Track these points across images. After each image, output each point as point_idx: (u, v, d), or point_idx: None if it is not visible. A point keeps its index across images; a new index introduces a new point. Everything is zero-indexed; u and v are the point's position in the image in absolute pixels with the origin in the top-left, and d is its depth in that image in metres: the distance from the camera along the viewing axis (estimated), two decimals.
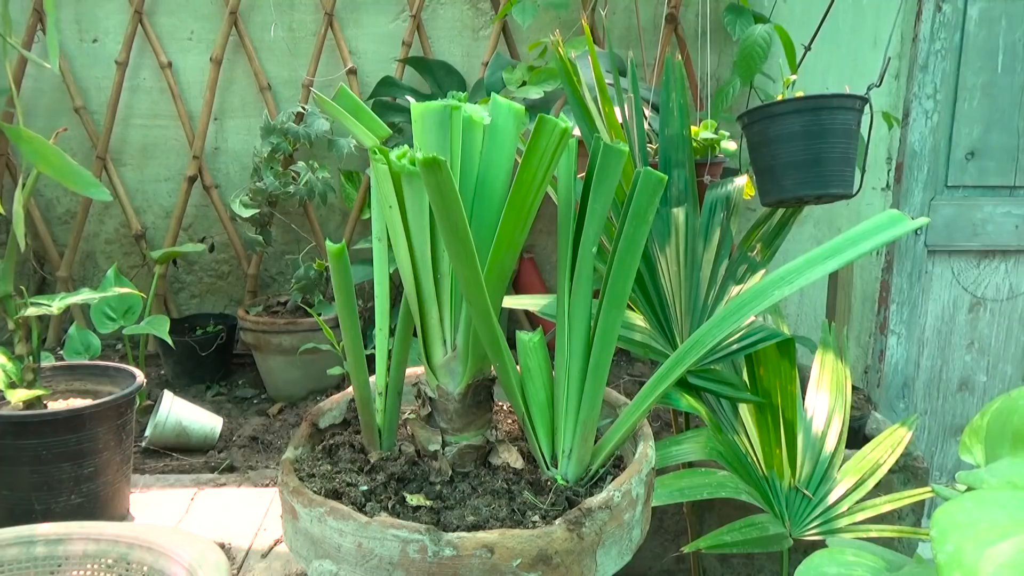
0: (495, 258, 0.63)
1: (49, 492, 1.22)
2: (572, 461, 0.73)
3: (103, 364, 1.42)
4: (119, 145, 2.52)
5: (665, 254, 1.18)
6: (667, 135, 1.21)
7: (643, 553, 0.80)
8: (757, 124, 1.17)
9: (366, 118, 0.76)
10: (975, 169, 1.66)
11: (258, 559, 1.24)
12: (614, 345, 0.72)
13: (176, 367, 2.31)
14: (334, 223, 2.62)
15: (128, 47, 2.40)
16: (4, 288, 1.21)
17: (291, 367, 2.18)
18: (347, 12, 2.45)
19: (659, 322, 1.14)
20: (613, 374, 2.26)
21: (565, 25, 2.38)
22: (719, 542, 0.96)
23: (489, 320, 0.64)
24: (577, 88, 1.10)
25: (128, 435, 1.33)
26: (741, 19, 1.85)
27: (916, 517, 1.29)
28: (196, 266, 2.64)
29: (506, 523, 0.65)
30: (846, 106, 1.13)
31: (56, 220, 2.57)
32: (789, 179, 1.15)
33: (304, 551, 0.65)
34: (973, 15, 1.60)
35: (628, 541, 0.67)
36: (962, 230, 1.68)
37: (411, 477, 0.73)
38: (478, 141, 0.67)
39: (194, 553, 0.82)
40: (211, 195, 2.50)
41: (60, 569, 0.86)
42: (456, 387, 0.72)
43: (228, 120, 2.53)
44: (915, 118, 1.63)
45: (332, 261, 0.70)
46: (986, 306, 1.73)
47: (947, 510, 0.33)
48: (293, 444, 0.77)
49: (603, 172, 0.66)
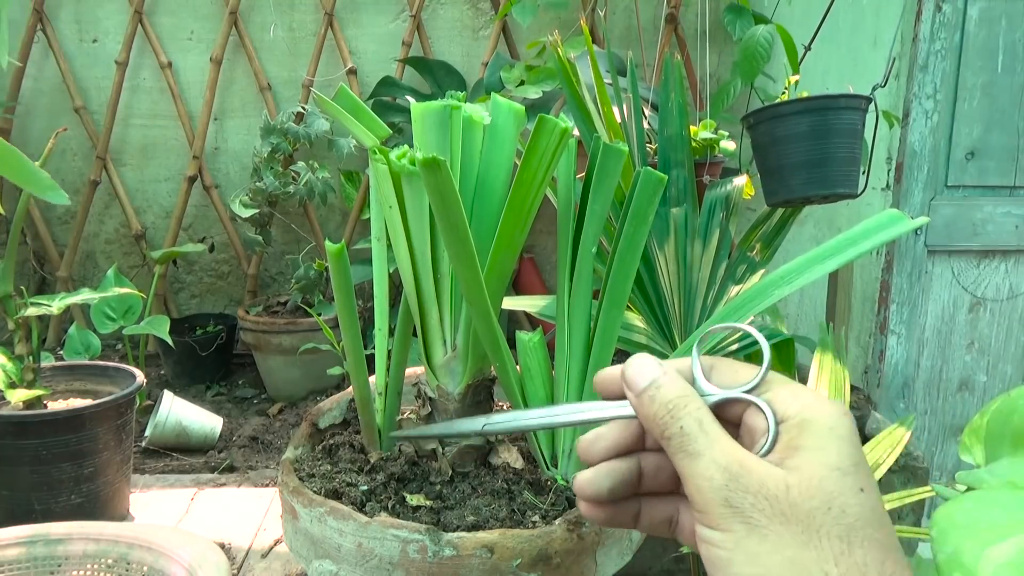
0: (495, 258, 0.63)
1: (49, 492, 1.22)
2: (572, 461, 0.73)
3: (103, 364, 1.42)
4: (119, 145, 2.52)
5: (664, 254, 1.18)
6: (666, 135, 1.21)
7: (643, 553, 0.80)
8: (763, 124, 1.17)
9: (366, 118, 0.76)
10: (975, 169, 1.66)
11: (258, 559, 1.24)
12: (614, 345, 0.72)
13: (176, 367, 2.31)
14: (334, 223, 2.62)
15: (128, 47, 2.40)
16: (4, 288, 1.21)
17: (291, 367, 2.18)
18: (347, 12, 2.45)
19: (658, 322, 1.14)
20: None
21: (565, 25, 2.38)
22: None
23: (489, 320, 0.64)
24: (576, 88, 1.10)
25: (128, 435, 1.32)
26: (741, 19, 1.85)
27: (916, 517, 1.29)
28: (196, 266, 2.64)
29: (506, 523, 0.65)
30: (852, 106, 1.13)
31: (56, 220, 2.57)
32: (796, 179, 1.15)
33: (304, 551, 0.65)
34: (973, 15, 1.60)
35: (628, 541, 0.67)
36: (962, 230, 1.68)
37: (411, 477, 0.73)
38: (478, 141, 0.67)
39: (194, 553, 0.82)
40: (211, 195, 2.50)
41: (60, 569, 0.86)
42: (456, 387, 0.72)
43: (228, 120, 2.53)
44: (915, 118, 1.63)
45: (332, 261, 0.70)
46: (986, 306, 1.73)
47: (947, 510, 0.33)
48: (293, 444, 0.77)
49: (603, 172, 0.66)
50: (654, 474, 0.37)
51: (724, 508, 0.30)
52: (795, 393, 0.34)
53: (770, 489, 0.30)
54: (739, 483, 0.31)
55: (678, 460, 0.33)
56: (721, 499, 0.31)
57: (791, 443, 0.32)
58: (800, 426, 0.32)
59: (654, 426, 0.34)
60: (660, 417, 0.34)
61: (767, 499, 0.30)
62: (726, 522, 0.30)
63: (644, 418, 0.35)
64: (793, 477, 0.30)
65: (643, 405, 0.34)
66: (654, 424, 0.34)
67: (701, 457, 0.32)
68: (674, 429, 0.33)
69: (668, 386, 0.34)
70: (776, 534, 0.29)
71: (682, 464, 0.32)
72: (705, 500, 0.31)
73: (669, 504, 0.37)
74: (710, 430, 0.33)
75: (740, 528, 0.30)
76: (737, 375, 0.35)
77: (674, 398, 0.34)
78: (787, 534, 0.29)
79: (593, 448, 0.37)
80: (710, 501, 0.31)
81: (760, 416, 0.33)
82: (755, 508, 0.30)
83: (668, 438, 0.33)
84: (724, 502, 0.30)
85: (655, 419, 0.34)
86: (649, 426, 0.35)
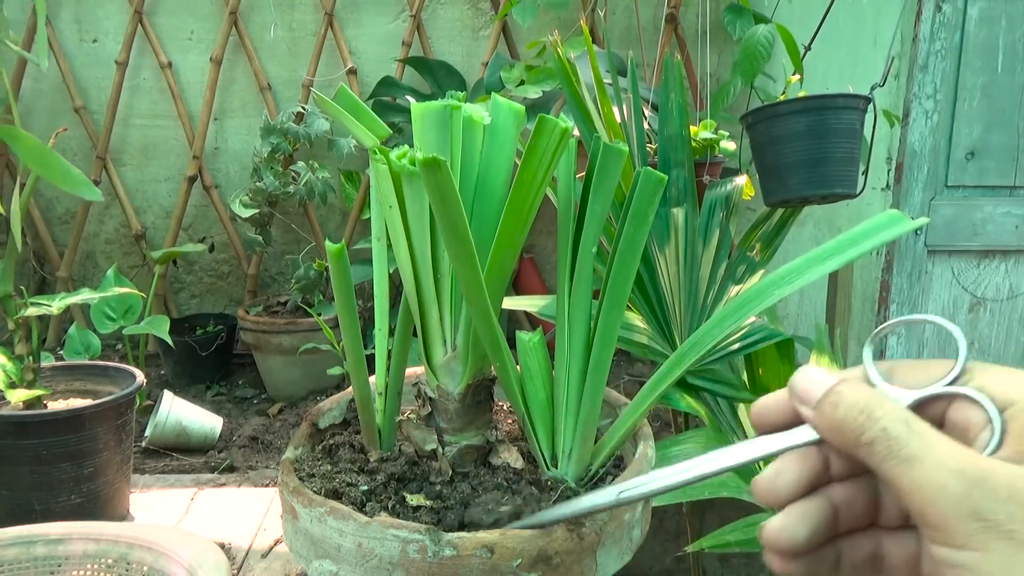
0: (495, 258, 0.63)
1: (49, 492, 1.22)
2: (572, 461, 0.72)
3: (103, 364, 1.42)
4: (119, 145, 2.52)
5: (664, 254, 1.18)
6: (666, 135, 1.21)
7: (643, 553, 0.81)
8: (761, 124, 1.17)
9: (366, 118, 0.76)
10: (975, 169, 1.66)
11: (258, 559, 1.24)
12: (614, 345, 0.72)
13: (176, 367, 2.31)
14: (334, 223, 2.62)
15: (128, 47, 2.40)
16: (4, 288, 1.21)
17: (291, 367, 2.18)
18: (347, 12, 2.45)
19: (658, 322, 1.14)
20: (613, 374, 2.26)
21: (565, 25, 2.38)
22: (722, 541, 0.96)
23: (489, 320, 0.64)
24: (576, 88, 1.10)
25: (128, 435, 1.32)
26: (741, 19, 1.85)
27: None
28: (196, 266, 2.64)
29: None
30: (851, 106, 1.13)
31: (56, 220, 2.57)
32: (794, 179, 1.15)
33: (304, 551, 0.65)
34: (973, 15, 1.60)
35: (628, 541, 0.67)
36: (962, 230, 1.68)
37: (411, 477, 0.73)
38: (478, 141, 0.67)
39: (194, 553, 0.82)
40: (211, 195, 2.50)
41: (60, 569, 0.86)
42: (456, 387, 0.72)
43: (228, 120, 2.53)
44: (915, 118, 1.63)
45: (332, 261, 0.70)
46: (986, 306, 1.73)
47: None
48: (293, 444, 0.77)
49: (603, 172, 0.66)
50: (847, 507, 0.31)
51: (973, 523, 0.25)
52: (1009, 375, 0.29)
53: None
54: (984, 489, 0.25)
55: (888, 469, 0.27)
56: (966, 512, 0.25)
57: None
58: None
59: (847, 434, 0.28)
60: (852, 420, 0.28)
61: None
62: (978, 540, 0.25)
63: (831, 429, 0.29)
64: None
65: (826, 415, 0.29)
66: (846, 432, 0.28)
67: (922, 462, 0.26)
68: (876, 431, 0.28)
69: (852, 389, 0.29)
70: None
71: (896, 473, 0.27)
72: (942, 515, 0.26)
73: (869, 539, 0.32)
74: (922, 430, 0.27)
75: (1001, 547, 0.25)
76: (928, 371, 0.30)
77: (864, 400, 0.29)
78: None
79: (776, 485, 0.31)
80: (951, 515, 0.25)
81: (973, 409, 0.28)
82: (1015, 519, 0.25)
83: (869, 443, 0.28)
84: (972, 515, 0.25)
85: (846, 425, 0.28)
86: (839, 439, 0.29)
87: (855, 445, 0.28)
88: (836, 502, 0.31)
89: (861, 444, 0.28)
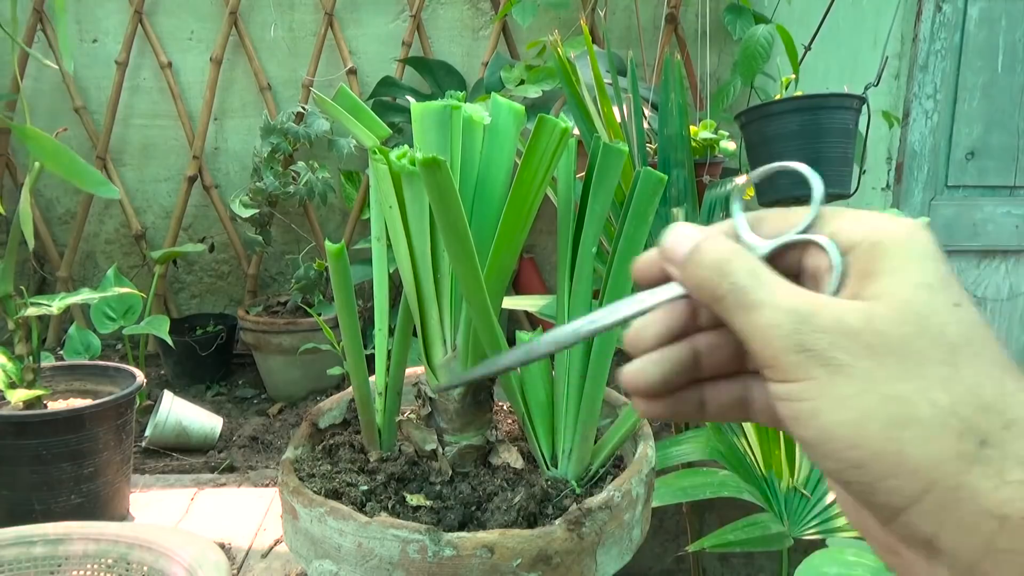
0: (495, 258, 0.63)
1: (49, 492, 1.22)
2: (572, 461, 0.73)
3: (103, 364, 1.42)
4: (119, 145, 2.52)
5: None
6: (666, 135, 1.21)
7: (643, 553, 0.81)
8: (755, 123, 1.17)
9: (366, 118, 0.76)
10: (975, 169, 1.66)
11: (258, 559, 1.24)
12: (614, 345, 0.72)
13: (176, 367, 2.31)
14: (334, 223, 2.62)
15: (128, 47, 2.40)
16: (4, 288, 1.21)
17: (291, 367, 2.18)
18: (347, 12, 2.45)
19: None
20: (613, 374, 2.26)
21: (565, 25, 2.38)
22: (723, 541, 0.97)
23: (489, 320, 0.64)
24: (576, 88, 1.10)
25: (128, 435, 1.32)
26: (741, 19, 1.85)
27: None
28: (196, 266, 2.64)
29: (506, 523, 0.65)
30: (844, 105, 1.13)
31: (56, 220, 2.57)
32: (785, 179, 1.15)
33: (304, 551, 0.65)
34: (973, 15, 1.60)
35: (628, 541, 0.67)
36: (962, 230, 1.68)
37: (411, 477, 0.73)
38: (478, 141, 0.67)
39: (194, 553, 0.82)
40: (211, 195, 2.50)
41: (60, 569, 0.86)
42: None
43: (228, 120, 2.53)
44: (915, 118, 1.63)
45: (331, 261, 0.70)
46: (986, 306, 1.73)
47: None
48: (293, 444, 0.77)
49: (603, 172, 0.66)
50: (713, 354, 0.32)
51: (797, 355, 0.26)
52: (857, 218, 0.29)
53: (849, 323, 0.26)
54: (811, 323, 0.26)
55: (736, 319, 0.28)
56: (792, 345, 0.26)
57: (864, 271, 0.28)
58: (871, 250, 0.28)
59: (704, 293, 0.30)
60: (708, 280, 0.29)
61: (847, 335, 0.26)
62: (802, 370, 0.26)
63: (692, 288, 0.30)
64: (875, 306, 0.26)
65: (688, 274, 0.30)
66: (704, 291, 0.30)
67: (761, 306, 0.27)
68: (725, 287, 0.29)
69: (711, 246, 0.30)
70: (865, 371, 0.25)
71: (741, 322, 0.28)
72: (773, 352, 0.27)
73: (736, 384, 0.33)
74: (766, 278, 0.28)
75: (820, 372, 0.26)
76: (788, 220, 0.31)
77: (720, 257, 0.29)
78: (878, 369, 0.25)
79: (641, 338, 0.32)
80: (779, 351, 0.27)
81: (822, 253, 0.29)
82: (835, 347, 0.26)
83: (720, 298, 0.29)
84: (796, 348, 0.26)
85: (704, 284, 0.30)
86: (699, 295, 0.30)
87: (712, 302, 0.30)
88: (699, 348, 0.32)
89: (715, 300, 0.29)
